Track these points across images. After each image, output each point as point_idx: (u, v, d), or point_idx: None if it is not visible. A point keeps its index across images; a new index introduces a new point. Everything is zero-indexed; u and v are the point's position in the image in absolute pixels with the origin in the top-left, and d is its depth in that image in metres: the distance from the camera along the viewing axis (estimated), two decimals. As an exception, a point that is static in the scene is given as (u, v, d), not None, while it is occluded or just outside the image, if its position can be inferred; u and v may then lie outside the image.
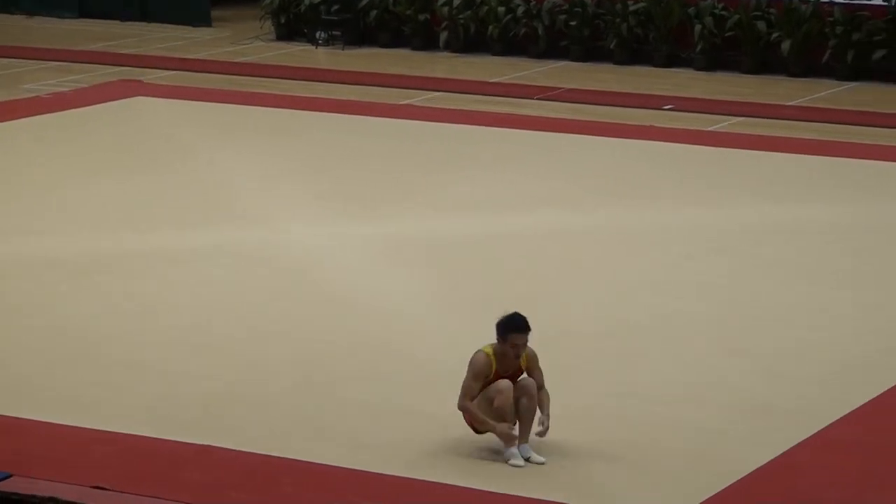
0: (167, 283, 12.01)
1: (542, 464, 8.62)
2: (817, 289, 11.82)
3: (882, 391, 9.67)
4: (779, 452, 8.79)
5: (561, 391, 9.34)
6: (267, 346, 10.64)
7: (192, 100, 18.65)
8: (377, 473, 8.60)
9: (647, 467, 8.65)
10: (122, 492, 8.35)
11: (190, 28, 23.97)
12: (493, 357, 8.71)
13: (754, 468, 8.59)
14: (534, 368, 8.77)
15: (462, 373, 8.87)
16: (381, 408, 9.56)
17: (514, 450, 8.68)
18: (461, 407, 8.73)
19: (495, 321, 8.72)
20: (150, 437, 9.04)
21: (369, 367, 10.26)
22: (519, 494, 8.34)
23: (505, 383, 8.67)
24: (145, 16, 24.50)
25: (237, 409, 9.53)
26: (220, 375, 10.10)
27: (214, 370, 10.20)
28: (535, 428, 8.69)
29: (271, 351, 10.56)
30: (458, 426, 9.17)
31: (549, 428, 8.64)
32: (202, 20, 24.17)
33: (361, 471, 8.63)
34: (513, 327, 8.69)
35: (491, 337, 8.76)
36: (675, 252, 12.77)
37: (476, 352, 8.79)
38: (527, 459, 8.66)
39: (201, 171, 15.37)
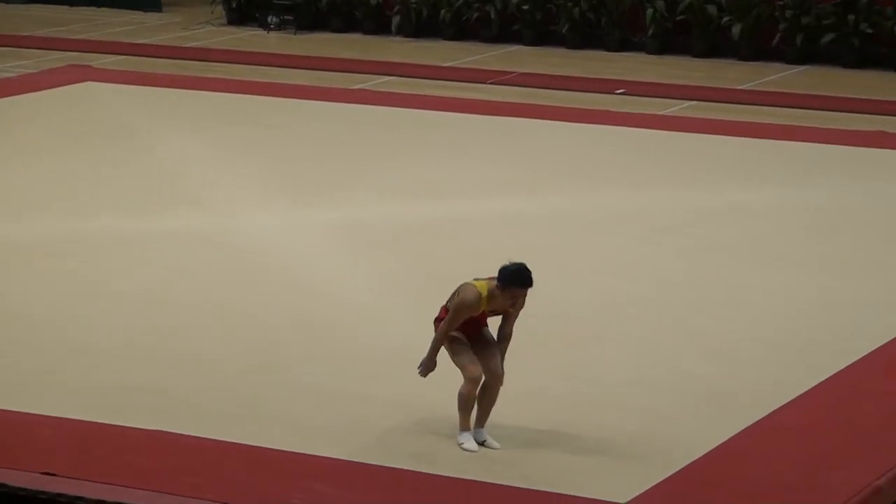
0: (114, 267, 11.95)
1: (497, 449, 8.63)
2: (768, 272, 11.88)
3: (829, 374, 9.72)
4: (727, 437, 8.82)
5: (512, 374, 9.35)
6: (217, 331, 10.61)
7: (142, 85, 18.54)
8: (328, 458, 8.59)
9: (597, 451, 8.67)
10: (72, 478, 8.31)
11: (140, 13, 23.85)
12: (485, 296, 8.52)
13: (703, 452, 8.62)
14: (514, 315, 8.63)
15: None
16: (332, 392, 9.55)
17: (468, 433, 8.68)
18: (437, 338, 8.61)
19: (500, 266, 8.51)
20: (99, 423, 8.99)
21: (320, 351, 10.25)
22: (468, 478, 8.34)
23: (478, 372, 8.58)
24: (94, 1, 24.36)
25: (186, 394, 9.50)
26: (169, 359, 10.06)
27: (163, 354, 10.16)
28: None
29: (221, 335, 10.53)
30: (410, 410, 9.18)
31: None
32: (152, 5, 24.06)
33: (312, 455, 8.62)
34: (518, 281, 8.50)
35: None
36: (628, 235, 12.80)
37: (467, 284, 8.58)
38: (482, 444, 8.66)
39: (150, 155, 15.29)
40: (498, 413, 8.80)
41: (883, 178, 14.56)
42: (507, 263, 8.56)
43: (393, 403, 9.33)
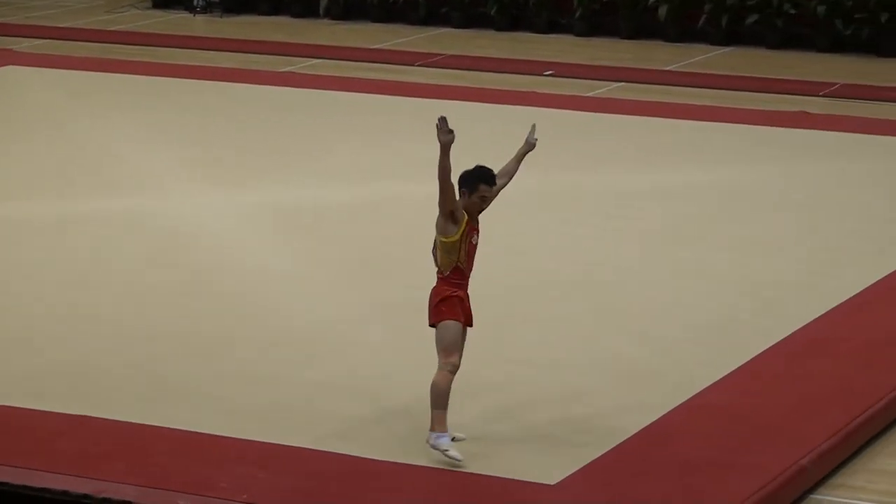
0: (36, 251, 11.84)
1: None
2: (692, 253, 11.94)
3: (753, 355, 9.78)
4: (655, 417, 8.85)
5: (434, 359, 9.35)
6: (141, 314, 10.53)
7: (65, 69, 18.36)
8: (255, 441, 8.55)
9: (525, 433, 8.67)
10: (-5, 464, 8.24)
11: (63, -4, 23.64)
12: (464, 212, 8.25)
13: (632, 433, 8.65)
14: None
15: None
16: (260, 373, 9.51)
17: (445, 437, 8.14)
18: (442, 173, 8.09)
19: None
20: (20, 408, 8.90)
21: (244, 333, 10.20)
22: (393, 461, 8.33)
23: (459, 362, 8.17)
24: (16, -16, 24.08)
25: (110, 377, 9.43)
26: (93, 343, 9.98)
27: (87, 338, 10.07)
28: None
29: (145, 318, 10.45)
30: (338, 391, 9.16)
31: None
32: (76, -12, 23.83)
33: (239, 438, 8.58)
34: (483, 178, 8.37)
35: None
36: (554, 217, 12.83)
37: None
38: (451, 439, 8.24)
39: (73, 139, 15.15)
40: (420, 395, 8.78)
41: (805, 158, 14.68)
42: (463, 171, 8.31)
43: (321, 385, 9.30)
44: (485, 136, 15.55)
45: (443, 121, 8.29)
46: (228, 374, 9.53)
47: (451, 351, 8.16)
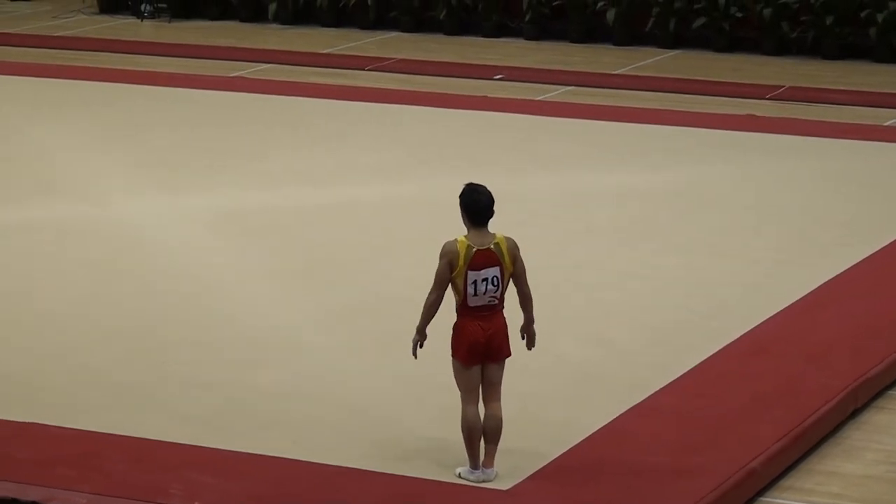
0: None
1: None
2: (641, 255, 11.99)
3: (702, 357, 9.81)
4: (606, 420, 8.87)
5: (388, 360, 9.36)
6: (88, 320, 10.47)
7: (10, 74, 18.24)
8: (205, 447, 8.51)
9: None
10: (-57, 473, 8.16)
11: (7, 2, 23.42)
12: (461, 239, 8.10)
13: (583, 436, 8.66)
14: (520, 273, 8.16)
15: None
16: (209, 379, 9.47)
17: (465, 468, 8.14)
18: (425, 306, 8.03)
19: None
20: (-31, 417, 8.85)
21: (193, 339, 10.15)
22: (342, 465, 8.31)
23: (470, 412, 8.08)
24: (-40, -11, 23.89)
25: (58, 384, 9.37)
26: (42, 349, 9.92)
27: (35, 344, 10.02)
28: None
29: (93, 324, 10.39)
30: (289, 397, 9.13)
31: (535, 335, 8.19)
32: (21, -7, 23.65)
33: (189, 445, 8.54)
34: (471, 212, 8.15)
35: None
36: (505, 220, 12.79)
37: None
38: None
39: (12, 144, 15.04)
40: (374, 398, 8.76)
41: (753, 161, 14.76)
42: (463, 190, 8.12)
43: (270, 390, 9.27)
44: (436, 139, 15.58)
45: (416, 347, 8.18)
46: (178, 379, 9.48)
47: (461, 391, 8.15)
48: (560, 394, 9.33)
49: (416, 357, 8.18)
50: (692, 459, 8.42)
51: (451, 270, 8.02)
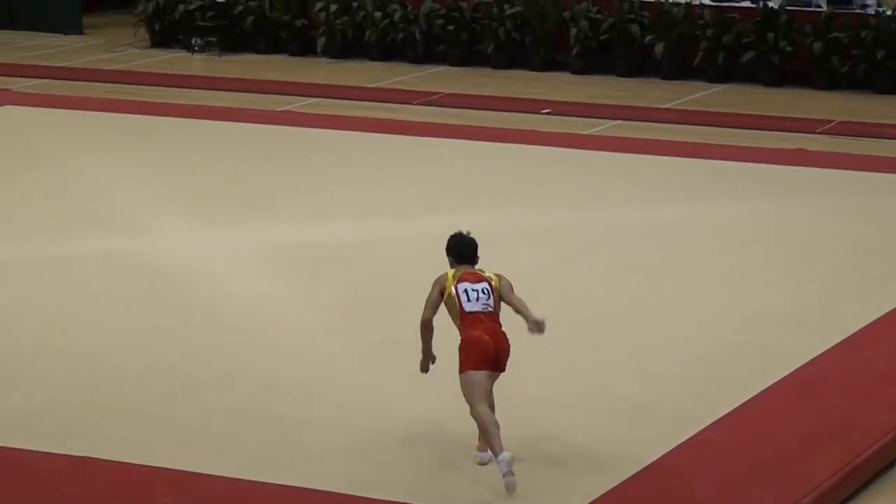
0: (28, 292, 11.83)
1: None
2: (689, 290, 11.94)
3: (752, 393, 9.74)
4: (655, 456, 8.83)
5: (432, 395, 9.36)
6: (133, 354, 10.51)
7: (63, 108, 18.41)
8: (254, 480, 8.53)
9: (530, 472, 8.63)
10: (-7, 506, 8.21)
11: (60, 36, 23.65)
12: (451, 271, 8.76)
13: (632, 472, 8.62)
14: (508, 291, 8.74)
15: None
16: (254, 413, 9.49)
17: (483, 454, 8.63)
18: (423, 321, 8.69)
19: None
20: (21, 449, 8.88)
21: (238, 373, 10.18)
22: (403, 501, 8.31)
23: (484, 410, 8.50)
24: (13, 23, 24.11)
25: (106, 419, 9.40)
26: (87, 384, 9.96)
27: (81, 379, 10.06)
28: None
29: (138, 358, 10.43)
30: (330, 430, 9.14)
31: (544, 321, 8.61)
32: (73, 27, 23.87)
33: (237, 479, 8.55)
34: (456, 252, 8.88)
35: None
36: (552, 254, 12.84)
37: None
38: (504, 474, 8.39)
39: (67, 178, 15.16)
40: (419, 432, 8.74)
41: (802, 196, 14.71)
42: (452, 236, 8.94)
43: (316, 424, 9.28)
44: (483, 174, 15.60)
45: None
46: (226, 413, 9.50)
47: (473, 402, 8.52)
48: (608, 428, 9.29)
49: (425, 371, 8.80)
50: (742, 496, 8.36)
51: (441, 295, 8.65)
